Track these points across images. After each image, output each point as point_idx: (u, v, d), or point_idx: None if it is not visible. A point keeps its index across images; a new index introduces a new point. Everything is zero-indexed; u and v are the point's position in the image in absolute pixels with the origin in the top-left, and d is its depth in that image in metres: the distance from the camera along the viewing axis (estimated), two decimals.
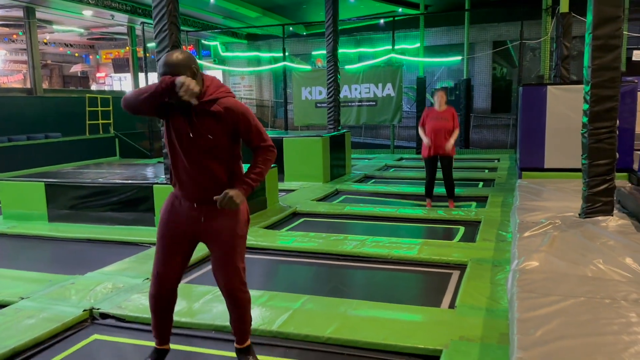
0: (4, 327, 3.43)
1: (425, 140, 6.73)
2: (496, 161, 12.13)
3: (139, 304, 3.74)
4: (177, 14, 5.78)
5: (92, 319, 3.65)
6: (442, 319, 3.42)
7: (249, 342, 2.72)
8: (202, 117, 2.32)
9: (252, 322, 2.97)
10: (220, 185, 2.39)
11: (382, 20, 16.70)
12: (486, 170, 10.77)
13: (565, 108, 6.92)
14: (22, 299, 3.92)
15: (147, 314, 3.54)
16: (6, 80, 22.83)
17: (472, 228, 6.01)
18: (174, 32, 5.79)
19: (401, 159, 13.17)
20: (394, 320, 3.40)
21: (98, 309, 3.69)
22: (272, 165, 6.90)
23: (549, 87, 7.14)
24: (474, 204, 7.49)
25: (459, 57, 15.49)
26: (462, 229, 6.05)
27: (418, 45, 15.95)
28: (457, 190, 8.02)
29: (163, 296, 2.51)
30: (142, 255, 5.02)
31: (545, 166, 7.32)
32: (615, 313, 2.76)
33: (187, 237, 2.45)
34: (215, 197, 2.35)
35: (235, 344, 2.73)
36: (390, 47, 15.08)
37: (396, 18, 14.91)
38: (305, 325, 3.32)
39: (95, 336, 3.44)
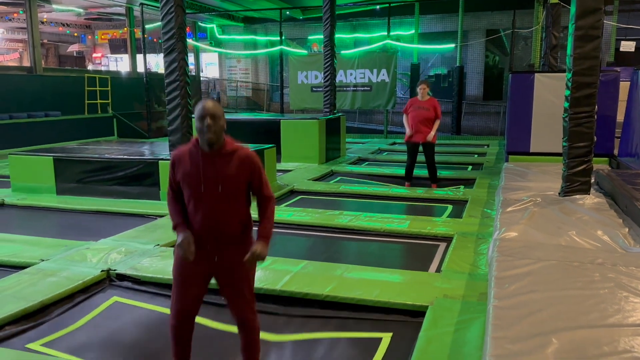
0: (29, 284, 3.75)
1: (407, 130, 7.28)
2: (486, 147, 12.50)
3: (152, 267, 4.07)
4: None
5: (110, 279, 3.99)
6: (429, 281, 3.79)
7: None
8: (224, 164, 2.51)
9: (259, 283, 3.26)
10: (234, 231, 2.57)
11: (378, 7, 16.90)
12: (475, 155, 11.15)
13: (551, 95, 7.27)
14: (42, 260, 4.23)
15: (160, 275, 3.90)
16: (2, 59, 22.82)
17: (459, 206, 6.38)
18: (180, 15, 6.05)
19: (394, 143, 13.49)
20: (385, 281, 3.76)
21: (115, 270, 4.02)
22: (271, 145, 7.29)
23: (536, 74, 7.48)
24: (462, 187, 7.84)
25: (453, 45, 15.77)
26: (450, 207, 6.42)
27: (413, 32, 16.22)
28: (447, 173, 8.42)
29: (183, 327, 2.66)
30: (150, 225, 5.34)
31: (531, 150, 7.69)
32: (581, 274, 3.13)
33: (203, 275, 2.61)
34: (245, 259, 2.51)
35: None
36: (385, 33, 15.34)
37: (392, 4, 15.15)
38: (305, 285, 3.67)
39: (115, 298, 3.76)
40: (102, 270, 4.00)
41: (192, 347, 2.70)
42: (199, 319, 2.78)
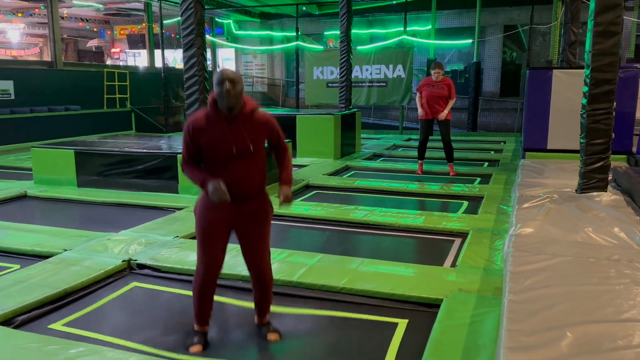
0: (52, 273, 3.86)
1: (419, 110, 7.47)
2: (502, 143, 12.44)
3: (172, 257, 4.16)
4: None
5: (130, 268, 4.09)
6: (443, 275, 3.82)
7: (268, 317, 3.05)
8: (246, 126, 2.65)
9: (275, 274, 3.36)
10: (256, 185, 2.73)
11: (394, 2, 16.84)
12: (492, 152, 11.11)
13: (569, 91, 7.22)
14: (65, 250, 4.35)
15: (179, 265, 3.99)
16: (23, 54, 23.19)
17: (475, 202, 6.38)
18: (199, 10, 6.13)
19: (409, 139, 13.48)
20: (399, 275, 3.80)
21: (135, 260, 4.11)
22: (287, 140, 7.35)
23: (554, 70, 7.43)
24: (478, 179, 7.86)
25: (470, 40, 15.67)
26: (465, 203, 6.42)
27: (429, 27, 16.14)
28: (463, 169, 8.42)
29: (209, 283, 2.81)
30: (169, 218, 5.44)
31: (548, 147, 7.65)
32: (597, 269, 3.14)
33: (225, 230, 2.77)
34: (280, 203, 2.76)
35: (257, 320, 3.04)
36: (402, 28, 15.29)
37: (408, 0, 15.08)
38: (321, 277, 3.73)
39: (135, 283, 3.87)
40: (123, 260, 4.10)
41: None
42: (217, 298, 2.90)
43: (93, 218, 5.78)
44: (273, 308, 3.17)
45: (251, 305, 3.13)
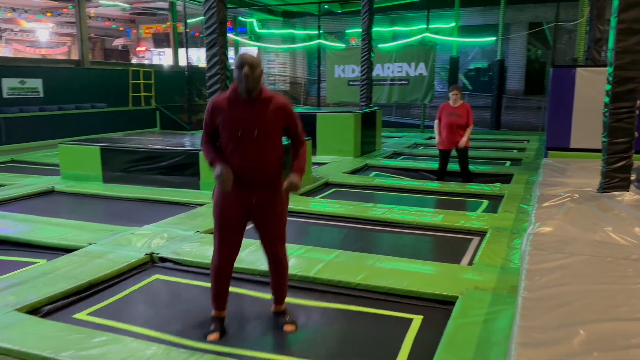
0: (77, 265, 3.99)
1: (436, 138, 7.31)
2: (525, 142, 12.30)
3: (193, 252, 4.26)
4: None
5: (153, 262, 4.20)
6: (460, 273, 3.83)
7: (285, 305, 3.13)
8: (261, 110, 2.69)
9: (292, 269, 3.44)
10: (270, 171, 2.76)
11: None
12: (515, 151, 11.01)
13: (593, 90, 7.10)
14: (90, 244, 4.48)
15: (199, 259, 4.09)
16: (52, 52, 23.75)
17: (495, 201, 6.35)
18: (222, 10, 6.22)
19: (430, 137, 13.40)
20: (416, 272, 3.82)
21: (157, 253, 4.22)
22: (307, 138, 7.41)
23: (578, 69, 7.32)
24: (499, 184, 7.78)
25: (493, 38, 15.51)
26: (485, 202, 6.40)
27: (453, 25, 16.02)
28: (484, 168, 8.37)
29: (225, 270, 2.90)
30: (191, 213, 5.56)
31: (571, 146, 7.54)
32: (614, 269, 3.12)
33: (242, 218, 2.83)
34: (284, 187, 2.74)
35: (274, 307, 3.12)
36: (424, 26, 15.22)
37: None
38: (338, 273, 3.78)
39: (156, 276, 3.98)
40: (145, 254, 4.21)
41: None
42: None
43: (117, 213, 5.93)
44: (290, 300, 3.24)
45: (268, 296, 3.20)
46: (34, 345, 2.77)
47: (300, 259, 4.04)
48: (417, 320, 3.22)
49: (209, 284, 3.15)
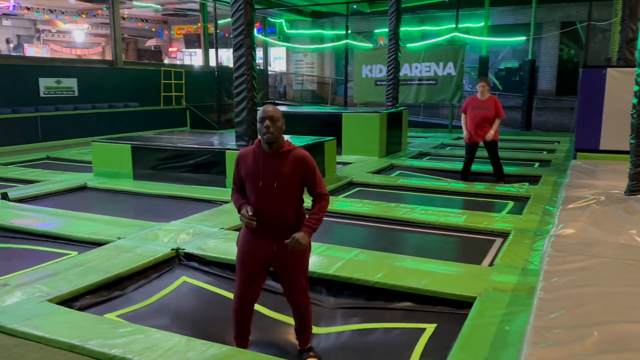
0: (107, 258, 4.14)
1: (464, 133, 7.22)
2: (556, 143, 12.09)
3: (217, 248, 4.37)
4: None
5: (178, 257, 4.33)
6: (480, 274, 3.84)
7: (309, 344, 3.13)
8: (280, 163, 2.77)
9: (312, 267, 3.49)
10: (289, 222, 2.82)
11: None
12: (544, 152, 10.84)
13: (624, 90, 6.96)
14: (119, 238, 4.65)
15: (223, 255, 4.19)
16: (86, 53, 24.42)
17: (521, 203, 6.29)
18: (249, 12, 6.34)
19: (458, 138, 13.29)
20: (435, 272, 3.84)
21: (183, 249, 4.35)
22: (331, 138, 7.48)
23: (608, 69, 7.19)
24: (526, 184, 7.70)
25: (523, 38, 15.27)
26: (511, 203, 6.35)
27: (483, 24, 15.84)
28: (512, 169, 8.27)
29: (246, 311, 2.96)
30: (216, 210, 5.69)
31: (601, 148, 7.41)
32: (635, 272, 3.09)
33: (263, 264, 2.91)
34: (285, 242, 2.75)
35: (298, 346, 3.12)
36: (454, 25, 15.09)
37: None
38: (356, 271, 3.83)
39: (184, 278, 4.08)
40: (171, 249, 4.34)
41: (251, 331, 2.99)
42: (259, 308, 3.01)
43: (146, 209, 6.11)
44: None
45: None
46: (65, 333, 2.91)
47: (320, 257, 4.10)
48: (429, 329, 3.23)
49: (232, 277, 3.21)
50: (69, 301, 3.46)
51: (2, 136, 11.15)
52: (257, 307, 3.07)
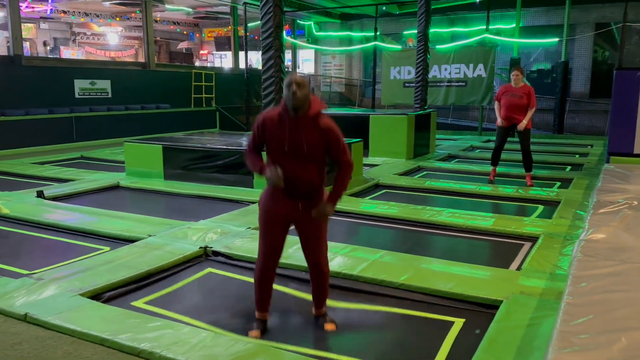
0: (138, 255, 4.25)
1: (498, 120, 7.23)
2: (589, 147, 11.83)
3: (244, 246, 4.44)
4: None
5: (206, 255, 4.41)
6: (507, 277, 3.80)
7: (325, 309, 3.22)
8: (306, 129, 2.83)
9: (337, 268, 3.51)
10: (312, 186, 2.90)
11: (478, 0, 16.45)
12: (577, 156, 10.63)
13: None
14: (150, 236, 4.76)
15: (249, 254, 4.25)
16: (120, 55, 25.01)
17: (551, 207, 6.18)
18: (278, 14, 6.42)
19: (488, 140, 13.14)
20: (462, 275, 3.82)
21: (211, 247, 4.44)
22: (358, 140, 7.49)
23: None
24: (557, 183, 7.59)
25: (556, 39, 14.98)
26: (540, 207, 6.25)
27: (514, 25, 15.61)
28: (543, 172, 8.15)
29: (268, 271, 3.05)
30: (243, 210, 5.77)
31: (635, 152, 7.22)
32: None
33: (286, 222, 2.99)
34: (312, 212, 2.88)
35: (314, 312, 3.22)
36: (484, 26, 14.91)
37: None
38: (381, 272, 3.84)
39: (209, 269, 4.18)
40: (200, 247, 4.43)
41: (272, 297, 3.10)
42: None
43: (176, 208, 6.23)
44: (331, 300, 3.33)
45: (309, 295, 3.30)
46: (95, 327, 3.00)
47: (345, 258, 4.12)
48: (458, 322, 3.23)
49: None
50: (99, 295, 3.57)
51: (39, 136, 11.52)
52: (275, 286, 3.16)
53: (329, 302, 3.28)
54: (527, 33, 16.38)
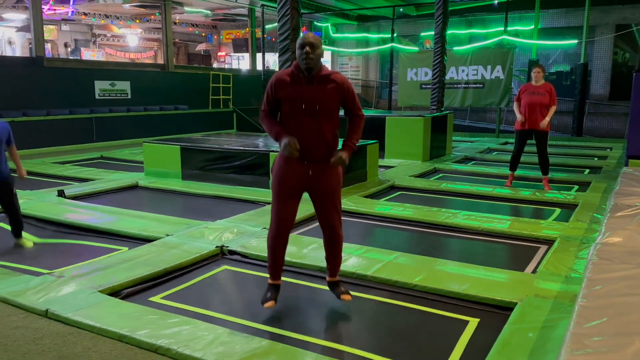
0: (155, 254, 4.33)
1: (518, 117, 7.04)
2: (608, 150, 11.69)
3: (259, 246, 4.49)
4: (298, 0, 6.44)
5: (222, 254, 4.48)
6: (522, 280, 3.79)
7: (338, 275, 3.27)
8: (320, 87, 2.88)
9: (351, 268, 3.54)
10: (327, 145, 2.94)
11: (496, 1, 16.34)
12: (595, 159, 10.51)
13: None
14: (167, 235, 4.84)
15: (264, 253, 4.27)
16: (140, 56, 25.32)
17: (568, 210, 6.14)
18: (295, 17, 6.47)
19: (506, 143, 13.05)
20: (476, 277, 3.82)
21: (227, 246, 4.50)
22: (374, 141, 7.52)
23: None
24: (575, 186, 7.52)
25: (574, 41, 14.82)
26: (558, 211, 6.21)
27: (532, 27, 15.48)
28: (561, 175, 8.07)
29: (282, 237, 3.10)
30: (260, 211, 5.83)
31: None
32: None
33: (299, 189, 3.03)
34: (331, 160, 2.92)
35: (328, 278, 3.28)
36: (503, 28, 14.81)
37: None
38: (395, 273, 3.86)
39: (225, 267, 4.24)
40: (216, 246, 4.50)
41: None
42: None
43: (193, 208, 6.32)
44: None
45: (324, 287, 3.34)
46: (114, 323, 3.07)
47: (360, 259, 4.15)
48: (472, 323, 3.24)
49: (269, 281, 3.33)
50: (118, 292, 3.65)
51: (60, 136, 11.75)
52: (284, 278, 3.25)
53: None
54: (546, 34, 16.24)
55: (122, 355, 2.78)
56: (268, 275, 3.31)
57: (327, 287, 3.44)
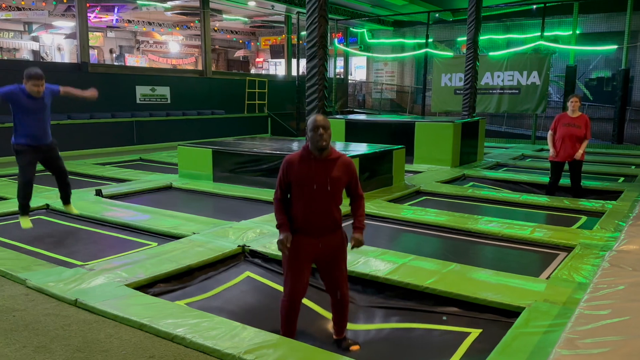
0: (182, 251, 4.56)
1: (551, 151, 6.96)
2: None
3: None
4: (326, 8, 6.62)
5: (244, 254, 4.67)
6: (534, 285, 3.81)
7: (345, 333, 3.34)
8: (331, 168, 3.03)
9: (364, 270, 3.62)
10: (334, 220, 3.10)
11: (534, 7, 16.12)
12: (633, 167, 10.25)
13: None
14: (194, 234, 5.08)
15: None
16: (181, 62, 26.10)
17: (594, 218, 6.06)
18: (322, 25, 6.64)
19: (541, 149, 12.84)
20: (488, 282, 3.87)
21: (248, 246, 4.69)
22: (400, 147, 7.60)
23: None
24: (601, 202, 7.36)
25: (614, 46, 14.45)
26: (584, 218, 6.14)
27: (571, 32, 15.19)
28: (593, 183, 7.93)
29: (295, 306, 3.19)
30: None
31: None
32: None
33: (310, 260, 3.17)
34: (351, 247, 3.10)
35: (334, 337, 3.33)
36: (539, 33, 14.61)
37: (547, 4, 14.38)
38: (408, 276, 3.95)
39: (247, 273, 4.40)
40: (238, 246, 4.70)
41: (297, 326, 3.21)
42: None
43: (222, 208, 6.56)
44: (355, 297, 3.48)
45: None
46: (136, 313, 3.29)
47: (375, 261, 4.26)
48: (474, 333, 3.30)
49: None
50: (144, 287, 3.88)
51: (102, 139, 12.30)
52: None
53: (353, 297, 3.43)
54: (586, 40, 15.89)
55: (140, 342, 2.99)
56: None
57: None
